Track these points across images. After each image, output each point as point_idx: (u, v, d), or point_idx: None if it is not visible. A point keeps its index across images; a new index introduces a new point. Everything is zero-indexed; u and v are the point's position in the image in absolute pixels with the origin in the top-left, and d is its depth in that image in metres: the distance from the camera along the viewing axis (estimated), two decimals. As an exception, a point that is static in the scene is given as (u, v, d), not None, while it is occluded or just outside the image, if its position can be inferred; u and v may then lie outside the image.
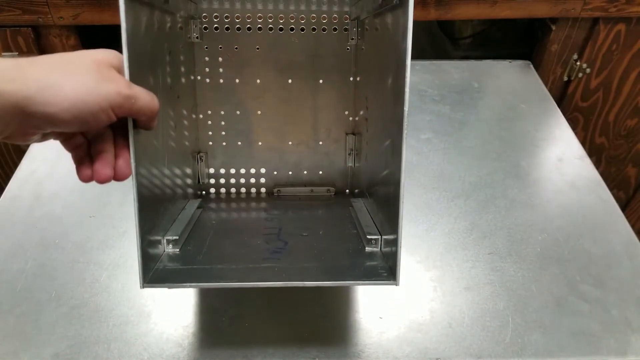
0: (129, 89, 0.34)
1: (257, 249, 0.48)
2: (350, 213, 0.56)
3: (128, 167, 0.38)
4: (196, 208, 0.56)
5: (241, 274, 0.43)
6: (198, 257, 0.46)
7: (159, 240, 0.45)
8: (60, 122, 0.32)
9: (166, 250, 0.46)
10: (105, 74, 0.33)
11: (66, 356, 0.49)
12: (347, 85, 0.60)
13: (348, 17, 0.58)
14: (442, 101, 0.83)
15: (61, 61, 0.33)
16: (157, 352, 0.49)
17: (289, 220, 0.55)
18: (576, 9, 0.86)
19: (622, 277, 0.57)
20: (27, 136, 0.33)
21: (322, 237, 0.52)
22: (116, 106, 0.33)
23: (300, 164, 0.62)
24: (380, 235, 0.47)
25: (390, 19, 0.45)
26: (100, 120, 0.33)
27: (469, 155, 0.73)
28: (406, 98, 0.40)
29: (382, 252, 0.46)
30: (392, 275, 0.41)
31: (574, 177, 0.70)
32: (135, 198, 0.39)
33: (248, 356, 0.49)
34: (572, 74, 0.95)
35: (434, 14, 0.86)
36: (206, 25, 0.57)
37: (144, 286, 0.40)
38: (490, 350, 0.50)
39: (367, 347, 0.51)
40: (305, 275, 0.42)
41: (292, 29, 0.58)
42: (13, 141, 0.33)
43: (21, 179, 0.67)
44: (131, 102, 0.34)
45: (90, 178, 0.36)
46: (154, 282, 0.41)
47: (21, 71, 0.31)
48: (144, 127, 0.38)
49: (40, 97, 0.30)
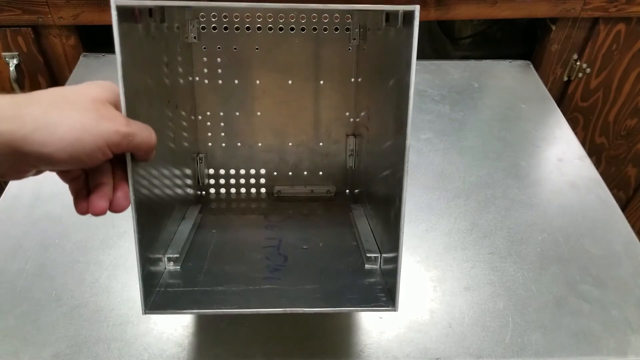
0: (127, 127, 0.34)
1: (258, 266, 0.48)
2: (349, 219, 0.56)
3: (126, 199, 0.37)
4: (196, 215, 0.56)
5: (242, 298, 0.43)
6: (199, 276, 0.46)
7: (160, 258, 0.45)
8: (55, 162, 0.31)
9: (167, 268, 0.46)
10: (102, 112, 0.33)
11: (66, 356, 0.49)
12: (348, 86, 0.59)
13: (350, 16, 0.56)
14: (442, 101, 0.83)
15: (58, 99, 0.32)
16: (157, 352, 0.49)
17: (288, 229, 0.55)
18: (576, 9, 0.86)
19: (622, 277, 0.57)
20: (21, 174, 0.33)
21: (322, 251, 0.51)
22: (113, 145, 0.33)
23: (300, 164, 0.62)
24: (380, 253, 0.47)
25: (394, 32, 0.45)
26: (96, 158, 0.33)
27: (469, 155, 0.73)
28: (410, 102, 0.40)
29: (381, 269, 0.47)
30: (391, 300, 0.42)
31: (574, 177, 0.70)
32: (135, 219, 0.38)
33: (248, 356, 0.49)
34: (572, 74, 0.95)
35: (434, 14, 0.86)
36: (204, 25, 0.55)
37: (146, 312, 0.40)
38: (490, 350, 0.50)
39: (367, 347, 0.51)
40: (305, 300, 0.43)
41: (293, 29, 0.56)
42: (6, 178, 0.33)
43: (21, 179, 0.67)
44: (129, 140, 0.34)
45: (87, 211, 0.36)
46: (156, 308, 0.41)
47: (18, 109, 0.30)
48: (142, 160, 0.38)
49: (37, 137, 0.30)
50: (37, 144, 0.30)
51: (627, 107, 1.00)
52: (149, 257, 0.42)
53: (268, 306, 0.42)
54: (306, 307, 0.41)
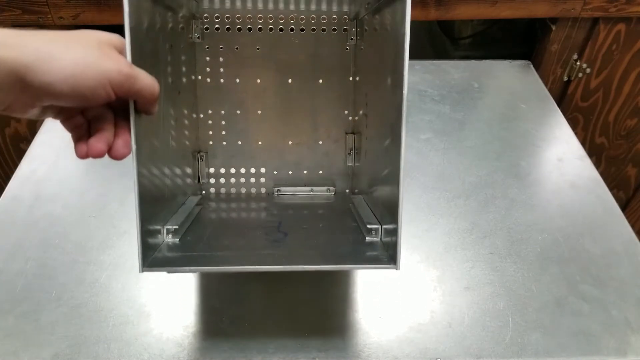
0: (130, 69, 0.34)
1: (257, 240, 0.49)
2: (350, 209, 0.57)
3: (125, 146, 0.38)
4: (195, 204, 0.56)
5: (241, 260, 0.44)
6: (198, 245, 0.46)
7: (159, 229, 0.45)
8: (57, 94, 0.32)
9: (166, 240, 0.46)
10: (106, 52, 0.34)
11: (66, 356, 0.49)
12: (347, 85, 0.60)
13: (347, 17, 0.58)
14: (442, 101, 0.83)
15: (62, 35, 0.33)
16: (157, 352, 0.49)
17: (289, 216, 0.56)
18: (576, 9, 0.86)
19: (622, 277, 0.57)
20: (26, 108, 0.33)
21: (322, 230, 0.52)
22: (116, 84, 0.33)
23: (300, 163, 0.62)
24: (380, 225, 0.47)
25: (389, 13, 0.45)
26: (99, 96, 0.33)
27: (469, 155, 0.73)
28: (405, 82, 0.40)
29: (382, 242, 0.46)
30: (392, 260, 0.41)
31: (574, 177, 0.70)
32: (136, 182, 0.39)
33: (248, 356, 0.49)
34: (572, 74, 0.95)
35: (434, 14, 0.86)
36: (207, 26, 0.57)
37: (143, 270, 0.40)
38: (490, 350, 0.50)
39: (367, 347, 0.51)
40: (306, 260, 0.42)
41: (292, 29, 0.58)
42: (12, 113, 0.33)
43: (21, 179, 0.67)
44: (131, 82, 0.34)
45: (86, 154, 0.36)
46: (154, 265, 0.41)
47: (22, 40, 0.31)
48: (145, 111, 0.38)
49: (39, 65, 0.30)
50: (39, 73, 0.30)
51: (627, 107, 1.00)
52: (148, 227, 0.42)
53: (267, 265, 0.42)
54: (306, 264, 0.41)
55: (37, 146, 0.72)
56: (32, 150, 0.71)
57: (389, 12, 0.45)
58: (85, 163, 0.69)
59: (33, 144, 0.72)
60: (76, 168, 0.69)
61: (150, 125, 0.43)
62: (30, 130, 0.98)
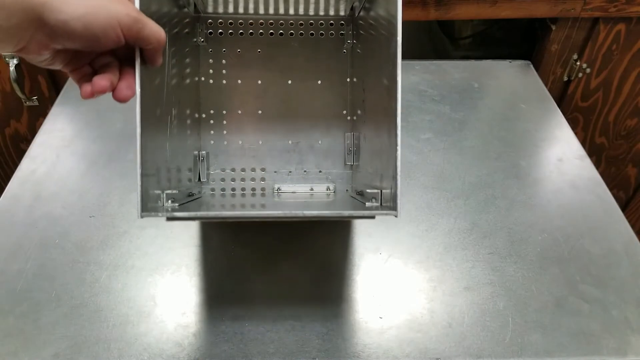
0: (138, 14, 0.36)
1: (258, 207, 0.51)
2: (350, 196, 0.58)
3: (129, 88, 0.39)
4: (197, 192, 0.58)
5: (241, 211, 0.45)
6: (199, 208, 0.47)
7: (159, 194, 0.45)
8: (71, 32, 0.34)
9: (165, 206, 0.46)
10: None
11: (66, 356, 0.49)
12: (345, 86, 0.62)
13: (344, 22, 0.60)
14: (442, 101, 0.83)
15: None
16: (157, 352, 0.49)
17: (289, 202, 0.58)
18: (576, 9, 0.86)
19: (622, 277, 0.57)
20: (41, 49, 0.35)
21: (324, 204, 0.55)
22: (125, 27, 0.35)
23: (300, 162, 0.63)
24: (379, 190, 0.48)
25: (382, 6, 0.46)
26: (110, 37, 0.35)
27: (469, 155, 0.73)
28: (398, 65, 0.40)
29: (382, 206, 0.47)
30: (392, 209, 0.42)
31: (574, 177, 0.70)
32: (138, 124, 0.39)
33: (248, 356, 0.49)
34: (572, 74, 0.95)
35: (434, 14, 0.86)
36: (211, 30, 0.59)
37: (142, 215, 0.40)
38: (490, 350, 0.50)
39: (367, 347, 0.51)
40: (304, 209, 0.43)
41: (292, 34, 0.60)
42: (27, 53, 0.35)
43: (21, 179, 0.67)
44: (139, 27, 0.36)
45: (90, 93, 0.38)
46: (152, 211, 0.41)
47: None
48: (151, 61, 0.40)
49: (55, 4, 0.33)
50: (55, 11, 0.33)
51: (627, 107, 1.00)
52: (147, 191, 0.42)
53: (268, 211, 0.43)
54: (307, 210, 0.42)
55: (37, 146, 0.72)
56: (32, 150, 0.71)
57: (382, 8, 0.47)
58: (85, 163, 0.69)
59: (33, 144, 0.72)
60: (76, 168, 0.69)
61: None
62: (30, 130, 0.99)
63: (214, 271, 0.57)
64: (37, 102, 0.94)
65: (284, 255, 0.59)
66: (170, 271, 0.57)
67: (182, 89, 0.54)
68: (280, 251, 0.59)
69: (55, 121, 0.76)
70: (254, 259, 0.58)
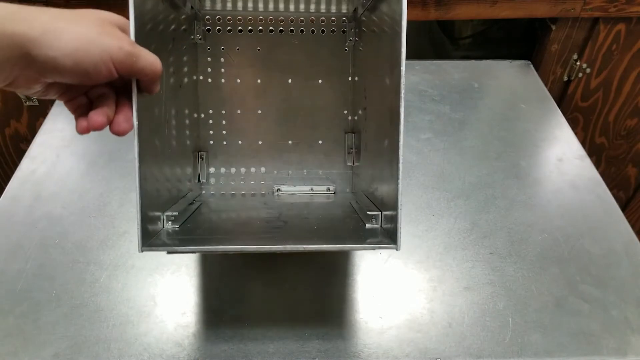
0: (132, 47, 0.35)
1: (258, 227, 0.49)
2: (350, 203, 0.57)
3: (126, 121, 0.38)
4: (196, 199, 0.57)
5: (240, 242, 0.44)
6: (197, 231, 0.46)
7: (159, 216, 0.45)
8: (61, 69, 0.32)
9: (165, 227, 0.46)
10: (109, 30, 0.34)
11: (66, 356, 0.49)
12: (346, 85, 0.61)
13: (346, 19, 0.59)
14: (442, 101, 0.83)
15: (68, 13, 0.34)
16: (157, 352, 0.49)
17: (288, 209, 0.57)
18: (576, 9, 0.86)
19: (622, 277, 0.57)
20: (30, 83, 0.34)
21: (322, 219, 0.53)
22: (117, 61, 0.34)
23: (300, 163, 0.62)
24: (380, 211, 0.47)
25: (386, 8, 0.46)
26: (101, 73, 0.34)
27: (469, 155, 0.73)
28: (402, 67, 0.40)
29: (382, 228, 0.46)
30: (392, 242, 0.41)
31: (574, 177, 0.70)
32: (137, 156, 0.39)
33: (248, 356, 0.49)
34: (572, 74, 0.95)
35: (434, 14, 0.86)
36: (209, 27, 0.58)
37: (143, 249, 0.40)
38: (490, 350, 0.50)
39: (367, 347, 0.51)
40: (305, 241, 0.42)
41: (292, 31, 0.59)
42: (17, 88, 0.34)
43: (21, 179, 0.67)
44: (133, 60, 0.35)
45: (86, 128, 0.37)
46: (153, 245, 0.41)
47: (29, 15, 0.32)
48: (147, 90, 0.39)
49: (45, 40, 0.31)
50: (45, 47, 0.31)
51: (627, 107, 1.00)
52: (148, 214, 0.42)
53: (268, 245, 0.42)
54: (306, 244, 0.41)
55: (37, 146, 0.72)
56: (32, 150, 0.71)
57: (385, 7, 0.46)
58: (85, 163, 0.69)
59: (33, 144, 0.72)
60: (76, 168, 0.69)
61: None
62: (30, 130, 0.98)
63: (214, 271, 0.57)
64: (37, 102, 0.94)
65: (284, 255, 0.59)
66: (170, 271, 0.57)
67: (181, 88, 0.54)
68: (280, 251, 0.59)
69: (55, 121, 0.76)
70: (254, 259, 0.58)
